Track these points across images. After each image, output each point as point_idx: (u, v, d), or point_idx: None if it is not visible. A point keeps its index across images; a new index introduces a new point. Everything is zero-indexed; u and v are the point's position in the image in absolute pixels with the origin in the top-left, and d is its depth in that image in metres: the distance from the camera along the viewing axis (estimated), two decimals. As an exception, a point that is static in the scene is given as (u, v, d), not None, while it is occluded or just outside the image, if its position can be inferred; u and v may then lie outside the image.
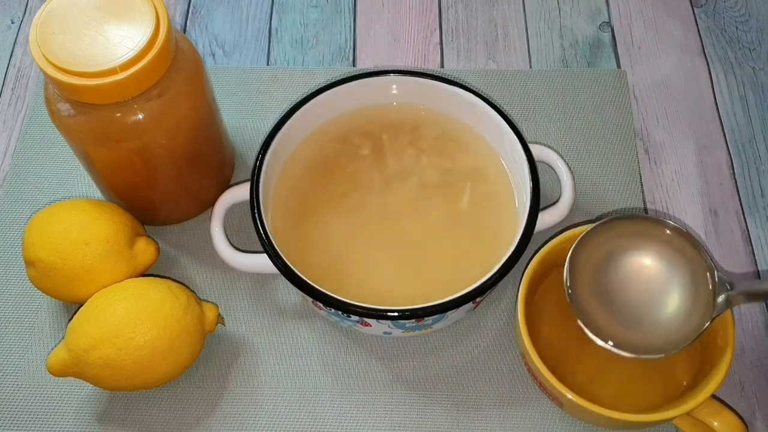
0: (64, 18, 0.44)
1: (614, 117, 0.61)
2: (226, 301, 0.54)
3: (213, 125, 0.53)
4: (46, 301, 0.54)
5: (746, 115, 0.61)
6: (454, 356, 0.52)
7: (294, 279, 0.46)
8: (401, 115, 0.56)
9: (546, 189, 0.56)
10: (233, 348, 0.52)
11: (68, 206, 0.50)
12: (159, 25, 0.45)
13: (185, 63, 0.47)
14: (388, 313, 0.45)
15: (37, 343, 0.52)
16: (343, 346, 0.52)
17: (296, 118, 0.52)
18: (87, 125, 0.46)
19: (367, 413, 0.50)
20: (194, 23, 0.67)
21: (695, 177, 0.58)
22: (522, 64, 0.64)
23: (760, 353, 0.52)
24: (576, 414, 0.47)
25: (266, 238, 0.47)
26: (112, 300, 0.47)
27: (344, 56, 0.65)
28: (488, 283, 0.46)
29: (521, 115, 0.61)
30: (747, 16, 0.66)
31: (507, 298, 0.54)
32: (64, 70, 0.43)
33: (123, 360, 0.46)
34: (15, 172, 0.59)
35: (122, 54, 0.43)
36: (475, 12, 0.67)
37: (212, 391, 0.51)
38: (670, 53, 0.64)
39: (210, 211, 0.52)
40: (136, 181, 0.51)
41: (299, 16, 0.67)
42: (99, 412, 0.50)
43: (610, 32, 0.66)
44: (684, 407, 0.44)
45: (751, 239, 0.56)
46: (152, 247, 0.52)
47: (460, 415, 0.50)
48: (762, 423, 0.50)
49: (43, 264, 0.49)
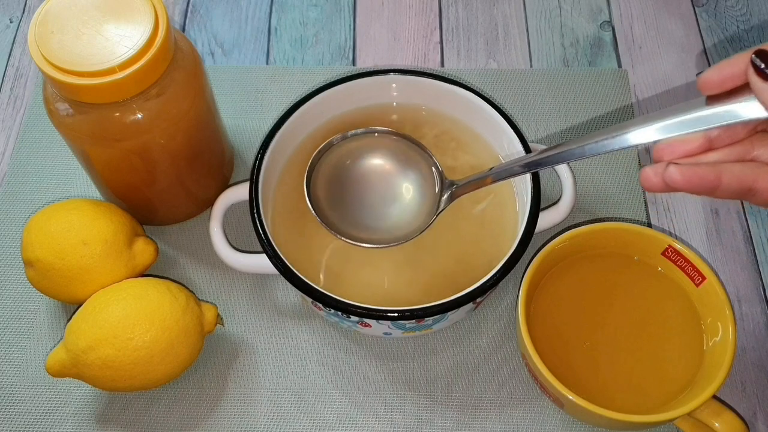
0: (62, 17, 0.44)
1: (615, 116, 0.61)
2: (225, 302, 0.54)
3: (212, 124, 0.52)
4: (44, 301, 0.54)
5: (747, 115, 0.61)
6: (454, 357, 0.51)
7: (293, 279, 0.46)
8: (401, 115, 0.55)
9: (546, 189, 0.56)
10: (232, 348, 0.52)
11: (67, 206, 0.50)
12: (158, 24, 0.44)
13: (184, 62, 0.47)
14: (388, 313, 0.45)
15: (36, 344, 0.52)
16: (342, 347, 0.52)
17: (296, 118, 0.52)
18: (86, 125, 0.46)
19: (367, 414, 0.50)
20: (193, 22, 0.67)
21: (696, 177, 0.58)
22: (522, 64, 0.64)
23: (762, 354, 0.52)
24: (577, 415, 0.47)
25: (265, 238, 0.47)
26: (110, 300, 0.47)
27: (344, 55, 0.65)
28: (489, 283, 0.45)
29: (522, 114, 0.61)
30: (748, 15, 0.66)
31: (507, 298, 0.53)
32: (62, 69, 0.43)
33: (122, 360, 0.45)
34: (13, 171, 0.59)
35: (121, 53, 0.43)
36: (475, 11, 0.67)
37: (211, 391, 0.51)
38: (672, 52, 0.64)
39: (209, 211, 0.52)
40: (135, 181, 0.51)
41: (299, 15, 0.67)
42: (98, 413, 0.50)
43: (611, 31, 0.66)
44: (685, 408, 0.44)
45: (753, 239, 0.56)
46: (151, 248, 0.52)
47: (461, 415, 0.49)
48: (763, 423, 0.49)
49: (42, 264, 0.48)
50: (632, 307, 0.50)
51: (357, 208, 0.49)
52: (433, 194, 0.48)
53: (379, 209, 0.49)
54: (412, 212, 0.49)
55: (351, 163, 0.50)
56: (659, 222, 0.57)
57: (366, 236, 0.47)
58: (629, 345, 0.49)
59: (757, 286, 0.54)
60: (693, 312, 0.49)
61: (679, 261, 0.49)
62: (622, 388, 0.47)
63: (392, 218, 0.49)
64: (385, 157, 0.50)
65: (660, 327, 0.49)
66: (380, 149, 0.50)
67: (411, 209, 0.49)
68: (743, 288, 0.54)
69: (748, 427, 0.45)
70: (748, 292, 0.54)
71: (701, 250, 0.55)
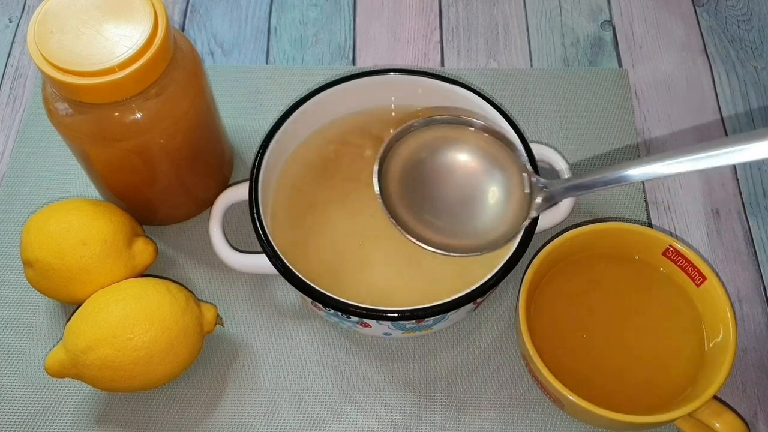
0: (62, 17, 0.44)
1: (616, 116, 0.60)
2: (224, 302, 0.54)
3: (212, 124, 0.52)
4: (44, 301, 0.54)
5: (748, 115, 0.61)
6: (454, 357, 0.51)
7: (293, 279, 0.46)
8: (401, 115, 0.55)
9: (547, 189, 0.56)
10: (232, 349, 0.52)
11: (66, 206, 0.50)
12: (157, 23, 0.44)
13: (184, 62, 0.47)
14: (388, 313, 0.45)
15: (35, 344, 0.52)
16: (342, 347, 0.52)
17: (295, 117, 0.52)
18: (85, 124, 0.46)
19: (367, 415, 0.50)
20: (193, 22, 0.67)
21: (697, 177, 0.58)
22: (523, 63, 0.64)
23: (762, 354, 0.52)
24: (577, 415, 0.47)
25: (265, 238, 0.47)
26: (110, 300, 0.47)
27: (344, 55, 0.65)
28: (489, 283, 0.45)
29: (522, 114, 0.61)
30: (749, 14, 0.66)
31: (508, 298, 0.53)
32: (62, 69, 0.43)
33: (121, 361, 0.45)
34: (13, 171, 0.59)
35: (120, 53, 0.43)
36: (475, 10, 0.67)
37: (211, 392, 0.50)
38: (672, 52, 0.64)
39: (209, 211, 0.52)
40: (135, 181, 0.51)
41: (299, 15, 0.67)
42: (97, 413, 0.50)
43: (611, 31, 0.66)
44: (686, 408, 0.44)
45: (753, 240, 0.56)
46: (150, 248, 0.51)
47: (461, 416, 0.49)
48: (764, 424, 0.49)
49: (41, 264, 0.48)
50: (633, 308, 0.50)
51: (433, 208, 0.44)
52: (521, 198, 0.43)
53: (457, 211, 0.44)
54: (497, 217, 0.44)
55: (428, 157, 0.45)
56: (660, 222, 0.56)
57: (441, 241, 0.43)
58: (630, 345, 0.48)
59: (757, 286, 0.54)
60: (694, 312, 0.49)
61: (680, 261, 0.49)
62: (622, 389, 0.47)
63: (473, 223, 0.44)
64: (466, 151, 0.45)
65: (661, 327, 0.49)
66: (461, 142, 0.45)
67: (495, 214, 0.44)
68: (744, 288, 0.54)
69: (749, 427, 0.45)
70: (749, 293, 0.54)
71: (702, 250, 0.55)
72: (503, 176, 0.44)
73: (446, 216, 0.44)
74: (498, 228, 0.43)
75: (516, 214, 0.44)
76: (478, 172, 0.44)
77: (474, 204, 0.44)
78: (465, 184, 0.44)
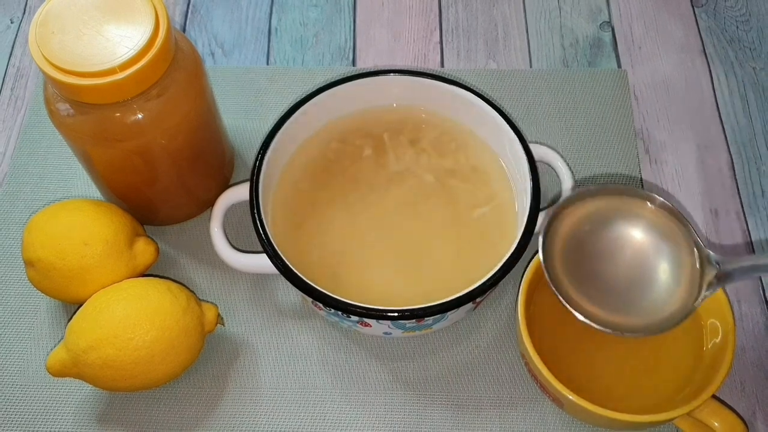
0: (63, 17, 0.44)
1: (615, 117, 0.61)
2: (225, 302, 0.54)
3: (212, 125, 0.53)
4: (45, 301, 0.54)
5: (747, 115, 0.61)
6: (454, 357, 0.51)
7: (294, 279, 0.46)
8: (401, 115, 0.55)
9: (546, 189, 0.56)
10: (233, 348, 0.52)
11: (68, 206, 0.50)
12: (158, 24, 0.45)
13: (185, 62, 0.47)
14: (388, 313, 0.45)
15: (37, 344, 0.52)
16: (342, 347, 0.52)
17: (296, 118, 0.52)
18: (86, 125, 0.46)
19: (367, 414, 0.50)
20: (194, 23, 0.67)
21: (696, 177, 0.58)
22: (522, 64, 0.64)
23: (761, 353, 0.52)
24: (576, 414, 0.47)
25: (266, 238, 0.47)
26: (111, 300, 0.47)
27: (344, 56, 0.65)
28: (489, 283, 0.46)
29: (521, 114, 0.61)
30: (747, 15, 0.66)
31: (507, 298, 0.53)
32: (63, 69, 0.43)
33: (122, 360, 0.45)
34: (14, 172, 0.59)
35: (121, 54, 0.43)
36: (475, 11, 0.67)
37: (212, 391, 0.51)
38: (671, 53, 0.64)
39: (209, 211, 0.52)
40: (136, 181, 0.51)
41: (299, 16, 0.67)
42: (98, 413, 0.50)
43: (610, 32, 0.66)
44: (685, 407, 0.44)
45: (752, 240, 0.56)
46: (152, 248, 0.52)
47: (460, 415, 0.50)
48: (762, 423, 0.50)
49: (43, 264, 0.49)
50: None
51: (601, 283, 0.43)
52: (692, 277, 0.42)
53: (624, 288, 0.43)
54: (666, 295, 0.42)
55: (597, 229, 0.43)
56: (659, 222, 0.57)
57: (609, 319, 0.41)
58: (629, 344, 0.49)
59: (756, 286, 0.54)
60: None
61: (679, 261, 0.49)
62: (621, 388, 0.47)
63: (641, 301, 0.42)
64: (640, 226, 0.43)
65: (660, 327, 0.49)
66: (633, 216, 0.43)
67: (665, 292, 0.42)
68: (743, 288, 0.54)
69: (748, 426, 0.45)
70: (747, 292, 0.54)
71: (701, 250, 0.56)
72: (674, 253, 0.43)
73: (614, 292, 0.42)
74: (667, 307, 0.42)
75: (687, 293, 0.42)
76: (649, 248, 0.43)
77: (644, 281, 0.43)
78: (635, 260, 0.43)
